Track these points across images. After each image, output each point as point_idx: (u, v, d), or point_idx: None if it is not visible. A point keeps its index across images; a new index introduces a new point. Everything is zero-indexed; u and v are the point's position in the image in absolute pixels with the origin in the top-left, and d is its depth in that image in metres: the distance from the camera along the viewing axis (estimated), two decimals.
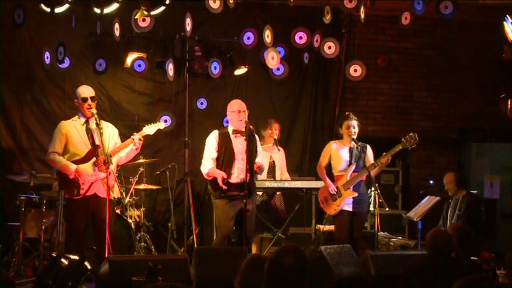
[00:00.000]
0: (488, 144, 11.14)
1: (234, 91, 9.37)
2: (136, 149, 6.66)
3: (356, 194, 7.15)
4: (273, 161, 8.05)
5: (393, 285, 5.05)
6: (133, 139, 6.61)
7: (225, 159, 6.84)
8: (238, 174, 6.83)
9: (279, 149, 8.08)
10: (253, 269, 3.77)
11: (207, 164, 6.87)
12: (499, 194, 9.99)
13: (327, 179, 7.35)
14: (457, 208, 8.08)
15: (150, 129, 6.79)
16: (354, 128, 7.27)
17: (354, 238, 7.12)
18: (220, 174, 6.73)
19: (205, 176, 6.95)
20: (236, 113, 6.87)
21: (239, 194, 6.75)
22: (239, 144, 6.89)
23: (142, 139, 6.64)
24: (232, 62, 8.85)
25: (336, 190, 7.21)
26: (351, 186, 7.17)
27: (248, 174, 6.68)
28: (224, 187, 6.71)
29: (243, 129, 6.82)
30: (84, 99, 6.60)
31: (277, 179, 8.03)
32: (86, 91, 6.68)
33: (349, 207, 7.19)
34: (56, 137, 6.59)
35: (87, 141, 6.61)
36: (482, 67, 10.43)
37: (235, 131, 6.92)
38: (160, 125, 6.90)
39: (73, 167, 6.48)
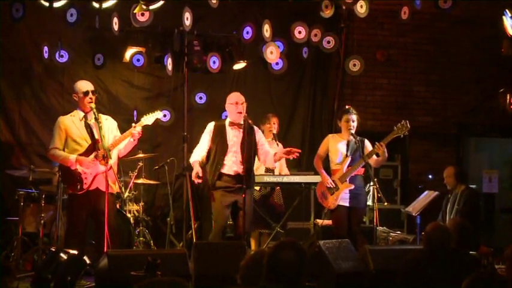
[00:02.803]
0: (487, 139, 11.15)
1: (233, 86, 9.35)
2: (134, 140, 6.63)
3: (352, 186, 7.14)
4: None
5: (392, 280, 5.05)
6: (131, 131, 6.58)
7: (218, 150, 6.85)
8: (231, 166, 6.81)
9: (278, 144, 8.08)
10: (256, 264, 3.78)
11: (195, 156, 6.91)
12: (497, 189, 10.01)
13: (324, 172, 7.34)
14: (456, 203, 8.08)
15: (148, 119, 6.73)
16: (352, 122, 7.26)
17: (352, 232, 7.13)
18: (195, 170, 6.77)
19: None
20: (234, 104, 6.86)
21: (233, 187, 6.75)
22: (234, 137, 6.88)
23: (141, 131, 6.63)
24: (231, 56, 8.85)
25: (332, 183, 7.21)
26: (347, 179, 7.18)
27: (244, 167, 6.70)
28: (196, 181, 6.76)
29: (241, 122, 6.82)
30: (86, 93, 6.59)
31: (276, 173, 8.03)
32: (86, 85, 6.67)
33: (346, 202, 7.19)
34: (55, 133, 6.58)
35: (87, 136, 6.58)
36: (481, 62, 10.42)
37: (232, 123, 6.91)
38: (159, 114, 6.84)
39: (73, 157, 6.46)
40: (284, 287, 3.37)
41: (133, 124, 6.67)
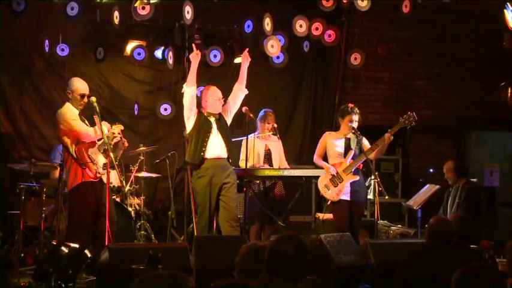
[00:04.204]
0: (488, 133, 11.14)
1: (233, 79, 9.30)
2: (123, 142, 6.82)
3: (357, 178, 7.16)
4: (269, 149, 8.01)
5: (393, 274, 5.06)
6: (113, 133, 6.67)
7: (200, 136, 7.03)
8: (213, 150, 7.03)
9: (279, 138, 8.05)
10: (250, 258, 3.78)
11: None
12: (498, 183, 10.01)
13: (325, 163, 7.37)
14: (457, 196, 8.08)
15: (116, 129, 6.77)
16: (355, 122, 7.26)
17: (353, 226, 7.14)
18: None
19: (185, 86, 7.16)
20: (218, 100, 7.15)
21: (216, 173, 6.98)
22: (214, 124, 7.14)
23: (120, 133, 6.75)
24: (232, 50, 8.84)
25: (335, 171, 7.20)
26: (351, 172, 7.18)
27: (226, 150, 7.06)
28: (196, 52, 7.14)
29: (216, 112, 7.16)
30: (82, 96, 6.61)
31: (275, 167, 8.01)
32: (83, 87, 6.66)
33: (347, 197, 7.20)
34: (75, 118, 6.53)
35: None
36: (483, 56, 10.41)
37: (210, 113, 7.16)
38: (120, 126, 6.83)
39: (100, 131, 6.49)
40: (285, 280, 3.37)
41: (110, 130, 6.69)
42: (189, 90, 7.11)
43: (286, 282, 3.37)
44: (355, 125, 7.26)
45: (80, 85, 6.66)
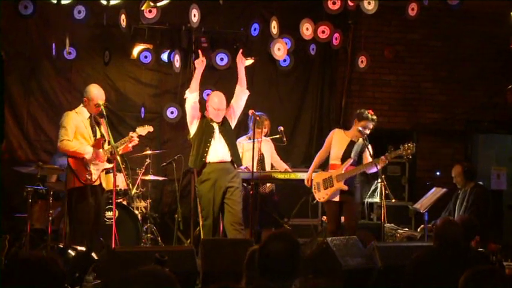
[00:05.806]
0: (495, 136, 11.10)
1: None
2: (130, 146, 6.95)
3: (346, 188, 7.08)
4: (262, 153, 7.99)
5: (400, 277, 5.04)
6: (131, 137, 6.85)
7: (203, 139, 7.01)
8: (215, 154, 6.98)
9: (285, 141, 8.01)
10: (254, 264, 3.76)
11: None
12: (505, 186, 9.96)
13: (312, 170, 7.38)
14: (465, 200, 8.04)
15: (143, 131, 7.05)
16: (369, 130, 7.22)
17: (350, 227, 7.07)
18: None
19: (188, 92, 7.09)
20: (218, 110, 7.06)
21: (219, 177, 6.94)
22: (216, 129, 7.08)
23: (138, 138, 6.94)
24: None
25: (329, 176, 7.17)
26: (344, 180, 7.11)
27: (230, 154, 7.01)
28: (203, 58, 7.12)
29: (218, 121, 7.07)
30: (97, 106, 6.65)
31: (267, 169, 7.99)
32: (100, 96, 6.73)
33: (336, 198, 7.17)
34: (67, 126, 6.59)
35: (91, 134, 6.68)
36: (489, 58, 10.38)
37: (212, 119, 7.11)
38: (150, 128, 7.17)
39: (90, 148, 6.57)
40: (278, 283, 3.21)
41: (130, 133, 6.93)
42: (192, 97, 7.06)
43: (279, 285, 3.24)
44: (367, 131, 7.21)
45: (96, 94, 6.73)
